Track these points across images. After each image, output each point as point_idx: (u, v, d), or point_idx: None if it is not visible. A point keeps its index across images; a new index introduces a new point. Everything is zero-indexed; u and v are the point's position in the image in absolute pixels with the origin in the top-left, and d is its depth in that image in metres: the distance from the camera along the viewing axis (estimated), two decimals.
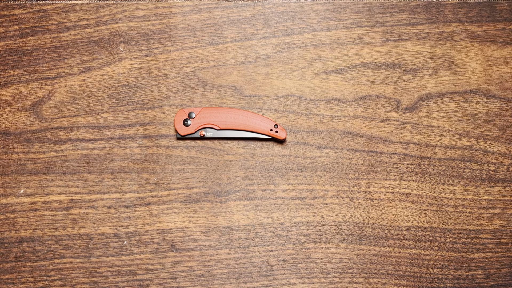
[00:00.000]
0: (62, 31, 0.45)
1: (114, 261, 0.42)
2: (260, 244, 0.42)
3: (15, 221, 0.42)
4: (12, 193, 0.42)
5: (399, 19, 0.45)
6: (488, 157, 0.43)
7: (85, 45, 0.44)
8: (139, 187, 0.43)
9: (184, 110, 0.43)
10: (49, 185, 0.43)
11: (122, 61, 0.44)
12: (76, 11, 0.45)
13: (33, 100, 0.44)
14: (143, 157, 0.43)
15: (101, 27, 0.44)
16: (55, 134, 0.43)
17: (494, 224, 0.43)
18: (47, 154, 0.43)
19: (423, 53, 0.44)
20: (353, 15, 0.45)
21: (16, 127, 0.43)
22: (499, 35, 0.45)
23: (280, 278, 0.42)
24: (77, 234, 0.42)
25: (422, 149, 0.43)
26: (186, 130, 0.43)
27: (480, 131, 0.44)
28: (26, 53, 0.44)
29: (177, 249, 0.42)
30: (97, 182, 0.43)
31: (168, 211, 0.42)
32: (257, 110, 0.44)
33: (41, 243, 0.42)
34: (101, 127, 0.43)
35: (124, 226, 0.42)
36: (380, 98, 0.44)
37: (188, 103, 0.44)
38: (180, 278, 0.42)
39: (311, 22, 0.45)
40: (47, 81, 0.44)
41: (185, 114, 0.43)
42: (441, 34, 0.45)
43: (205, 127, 0.43)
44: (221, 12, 0.45)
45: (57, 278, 0.41)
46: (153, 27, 0.44)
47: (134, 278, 0.42)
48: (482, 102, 0.44)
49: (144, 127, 0.43)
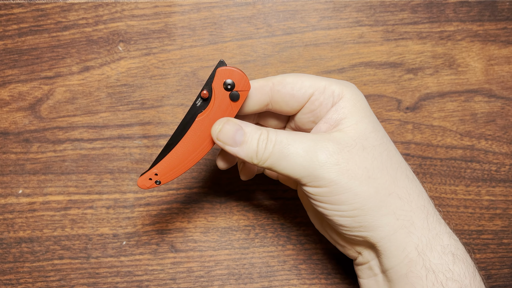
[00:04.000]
0: (61, 30, 0.44)
1: (113, 261, 0.42)
2: (260, 245, 0.42)
3: (13, 221, 0.42)
4: (10, 193, 0.42)
5: (400, 18, 0.45)
6: (489, 157, 0.43)
7: (84, 44, 0.44)
8: (138, 187, 0.42)
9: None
10: (48, 185, 0.42)
11: (121, 60, 0.44)
12: (75, 10, 0.44)
13: (31, 100, 0.44)
14: (142, 157, 0.43)
15: (100, 26, 0.44)
16: (53, 134, 0.43)
17: (495, 224, 0.42)
18: (46, 154, 0.43)
19: (424, 52, 0.44)
20: (353, 14, 0.44)
21: (14, 127, 0.43)
22: (501, 35, 0.45)
23: (280, 279, 0.42)
24: (76, 234, 0.42)
25: (423, 149, 0.43)
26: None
27: (482, 131, 0.44)
28: (25, 53, 0.44)
29: (177, 249, 0.42)
30: (96, 182, 0.42)
31: (168, 211, 0.42)
32: None
33: (40, 244, 0.42)
34: (100, 127, 0.43)
35: (123, 227, 0.42)
36: (381, 97, 0.44)
37: (188, 102, 0.44)
38: (179, 279, 0.41)
39: (311, 21, 0.44)
40: (45, 81, 0.44)
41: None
42: (442, 34, 0.45)
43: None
44: (221, 11, 0.45)
45: (56, 279, 0.41)
46: (152, 26, 0.44)
47: (133, 279, 0.41)
48: (484, 101, 0.44)
49: (143, 126, 0.43)
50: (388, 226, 0.30)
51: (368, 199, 0.30)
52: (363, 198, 0.30)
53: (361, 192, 0.30)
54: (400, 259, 0.30)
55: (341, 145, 0.30)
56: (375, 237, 0.31)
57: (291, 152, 0.30)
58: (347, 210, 0.30)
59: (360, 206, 0.30)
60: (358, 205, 0.30)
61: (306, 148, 0.30)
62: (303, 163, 0.30)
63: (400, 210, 0.30)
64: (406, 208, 0.30)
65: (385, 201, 0.30)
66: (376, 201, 0.30)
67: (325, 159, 0.29)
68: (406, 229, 0.30)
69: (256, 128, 0.31)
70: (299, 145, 0.30)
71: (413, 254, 0.30)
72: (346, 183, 0.29)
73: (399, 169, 0.31)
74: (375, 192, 0.30)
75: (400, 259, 0.30)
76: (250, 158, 0.31)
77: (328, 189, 0.30)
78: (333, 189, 0.30)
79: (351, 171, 0.30)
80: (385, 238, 0.30)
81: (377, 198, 0.30)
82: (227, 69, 0.31)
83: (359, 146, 0.30)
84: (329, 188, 0.30)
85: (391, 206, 0.30)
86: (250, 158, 0.31)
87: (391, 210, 0.30)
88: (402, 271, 0.30)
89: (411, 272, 0.30)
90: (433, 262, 0.30)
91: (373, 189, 0.30)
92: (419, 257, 0.30)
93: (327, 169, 0.29)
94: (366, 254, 0.33)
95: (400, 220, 0.30)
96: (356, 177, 0.30)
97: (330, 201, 0.30)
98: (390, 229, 0.30)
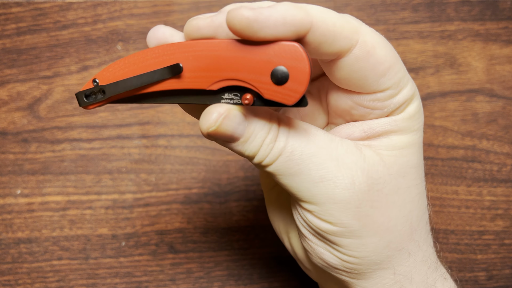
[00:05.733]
0: (60, 30, 0.44)
1: (112, 262, 0.41)
2: (260, 245, 0.42)
3: (12, 222, 0.42)
4: (9, 193, 0.42)
5: (401, 17, 0.44)
6: (491, 157, 0.43)
7: (83, 43, 0.44)
8: (137, 187, 0.42)
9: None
10: (47, 186, 0.42)
11: None
12: (73, 9, 0.44)
13: (30, 100, 0.43)
14: (141, 157, 0.43)
15: (98, 25, 0.44)
16: (52, 134, 0.43)
17: (497, 225, 0.42)
18: (44, 154, 0.43)
19: (425, 51, 0.44)
20: (354, 13, 0.44)
21: (13, 126, 0.43)
22: (502, 34, 0.45)
23: (280, 280, 0.41)
24: (75, 235, 0.42)
25: (424, 149, 0.43)
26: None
27: (483, 130, 0.43)
28: (23, 52, 0.44)
29: (176, 250, 0.42)
30: (95, 183, 0.42)
31: (167, 212, 0.42)
32: None
33: (39, 244, 0.41)
34: (99, 126, 0.43)
35: (122, 227, 0.42)
36: None
37: None
38: (179, 280, 0.41)
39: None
40: (44, 80, 0.44)
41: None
42: (444, 33, 0.44)
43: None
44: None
45: (55, 280, 0.41)
46: (151, 25, 0.44)
47: (133, 279, 0.41)
48: (485, 101, 0.44)
49: (142, 126, 0.43)
50: (380, 280, 0.24)
51: (374, 251, 0.23)
52: (369, 251, 0.23)
53: (370, 243, 0.23)
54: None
55: (372, 179, 0.23)
56: (357, 287, 0.25)
57: (302, 172, 0.22)
58: (344, 253, 0.24)
59: (361, 256, 0.24)
60: (358, 255, 0.24)
61: (323, 175, 0.22)
62: (313, 191, 0.22)
63: (402, 266, 0.24)
64: (410, 264, 0.24)
65: (390, 256, 0.24)
66: (381, 256, 0.24)
67: (344, 198, 0.22)
68: (400, 284, 0.24)
69: (263, 124, 0.22)
70: (315, 167, 0.22)
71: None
72: (357, 230, 0.23)
73: (423, 216, 0.25)
74: (384, 247, 0.24)
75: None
76: (247, 157, 0.23)
77: (332, 228, 0.23)
78: (338, 230, 0.23)
79: (369, 218, 0.23)
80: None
81: (384, 253, 0.24)
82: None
83: (393, 185, 0.23)
84: (334, 227, 0.23)
85: (394, 261, 0.24)
86: (247, 157, 0.23)
87: (391, 265, 0.24)
88: None
89: None
90: None
91: (384, 243, 0.23)
92: None
93: (343, 210, 0.22)
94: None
95: (397, 275, 0.24)
96: (372, 227, 0.23)
97: (328, 237, 0.24)
98: (381, 285, 0.24)
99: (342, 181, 0.22)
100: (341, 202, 0.22)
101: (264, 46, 0.20)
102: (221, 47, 0.21)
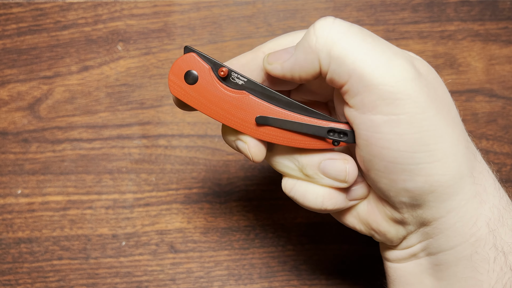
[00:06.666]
0: (60, 30, 0.44)
1: (112, 262, 0.41)
2: (260, 245, 0.42)
3: (12, 221, 0.42)
4: (9, 193, 0.42)
5: (401, 17, 0.44)
6: (490, 157, 0.43)
7: (83, 43, 0.44)
8: (138, 187, 0.42)
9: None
10: (47, 186, 0.42)
11: (120, 60, 0.44)
12: (74, 10, 0.44)
13: (30, 100, 0.43)
14: (142, 157, 0.43)
15: (99, 25, 0.44)
16: (52, 134, 0.43)
17: None
18: (45, 154, 0.43)
19: (425, 52, 0.44)
20: (354, 13, 0.44)
21: (13, 126, 0.43)
22: (502, 34, 0.45)
23: (280, 280, 0.41)
24: (75, 235, 0.42)
25: None
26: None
27: (483, 130, 0.43)
28: (24, 52, 0.44)
29: (176, 250, 0.42)
30: (95, 183, 0.42)
31: (167, 211, 0.42)
32: None
33: (39, 244, 0.41)
34: (99, 126, 0.43)
35: (122, 227, 0.42)
36: None
37: None
38: (179, 279, 0.41)
39: (312, 21, 0.44)
40: (44, 80, 0.44)
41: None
42: (443, 33, 0.44)
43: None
44: (221, 10, 0.44)
45: (55, 280, 0.41)
46: (151, 25, 0.44)
47: (133, 279, 0.41)
48: (485, 101, 0.44)
49: (143, 126, 0.43)
50: (462, 195, 0.23)
51: (452, 147, 0.23)
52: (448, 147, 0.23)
53: (445, 135, 0.23)
54: (465, 237, 0.23)
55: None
56: (439, 212, 0.23)
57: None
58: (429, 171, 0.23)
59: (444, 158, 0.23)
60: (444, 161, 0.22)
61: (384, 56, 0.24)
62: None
63: (476, 171, 0.23)
64: (477, 165, 0.24)
65: (466, 155, 0.23)
66: (461, 153, 0.23)
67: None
68: (479, 197, 0.23)
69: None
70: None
71: (483, 231, 0.23)
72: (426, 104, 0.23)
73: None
74: (459, 142, 0.23)
75: (465, 238, 0.23)
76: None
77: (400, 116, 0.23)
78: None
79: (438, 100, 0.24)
80: (452, 212, 0.23)
81: (461, 150, 0.23)
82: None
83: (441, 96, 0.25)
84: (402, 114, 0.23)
85: (471, 164, 0.23)
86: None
87: (468, 166, 0.23)
88: (464, 252, 0.23)
89: (476, 253, 0.23)
90: (504, 241, 0.23)
91: (456, 136, 0.23)
92: (489, 234, 0.23)
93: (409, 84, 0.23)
94: (413, 237, 0.25)
95: (476, 185, 0.23)
96: (440, 108, 0.23)
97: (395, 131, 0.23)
98: (463, 198, 0.23)
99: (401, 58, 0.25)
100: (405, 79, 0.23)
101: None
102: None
